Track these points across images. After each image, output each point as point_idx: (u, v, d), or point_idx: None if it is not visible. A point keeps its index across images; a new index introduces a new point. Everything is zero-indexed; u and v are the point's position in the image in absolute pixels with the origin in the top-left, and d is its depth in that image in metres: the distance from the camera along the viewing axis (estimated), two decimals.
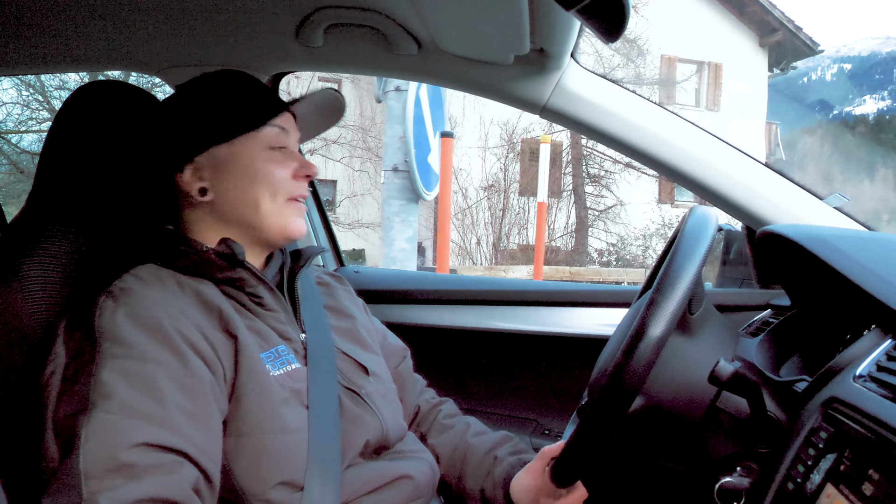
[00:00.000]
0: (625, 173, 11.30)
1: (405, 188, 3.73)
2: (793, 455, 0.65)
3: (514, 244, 11.17)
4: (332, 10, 1.06)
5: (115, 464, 0.61)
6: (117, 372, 0.65)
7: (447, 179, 3.63)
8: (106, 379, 0.65)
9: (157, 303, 0.71)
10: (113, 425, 0.62)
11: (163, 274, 0.77)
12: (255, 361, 0.74)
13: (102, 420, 0.62)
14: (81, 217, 0.87)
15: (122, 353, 0.66)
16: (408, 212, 3.80)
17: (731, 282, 1.40)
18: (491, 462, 0.95)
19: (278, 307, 0.83)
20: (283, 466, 0.72)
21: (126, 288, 0.72)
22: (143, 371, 0.66)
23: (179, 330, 0.70)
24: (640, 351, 0.67)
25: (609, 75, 1.08)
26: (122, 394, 0.64)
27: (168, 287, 0.75)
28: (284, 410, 0.74)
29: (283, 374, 0.77)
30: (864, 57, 25.35)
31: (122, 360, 0.66)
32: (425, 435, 1.02)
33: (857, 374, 0.65)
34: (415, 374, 1.08)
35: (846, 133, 19.36)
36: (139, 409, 0.64)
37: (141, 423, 0.63)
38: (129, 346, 0.67)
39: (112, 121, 0.90)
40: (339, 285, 1.02)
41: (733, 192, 1.13)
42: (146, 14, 1.11)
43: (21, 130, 10.30)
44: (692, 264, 0.70)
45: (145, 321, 0.69)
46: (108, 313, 0.69)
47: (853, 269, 0.75)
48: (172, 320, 0.70)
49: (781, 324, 1.00)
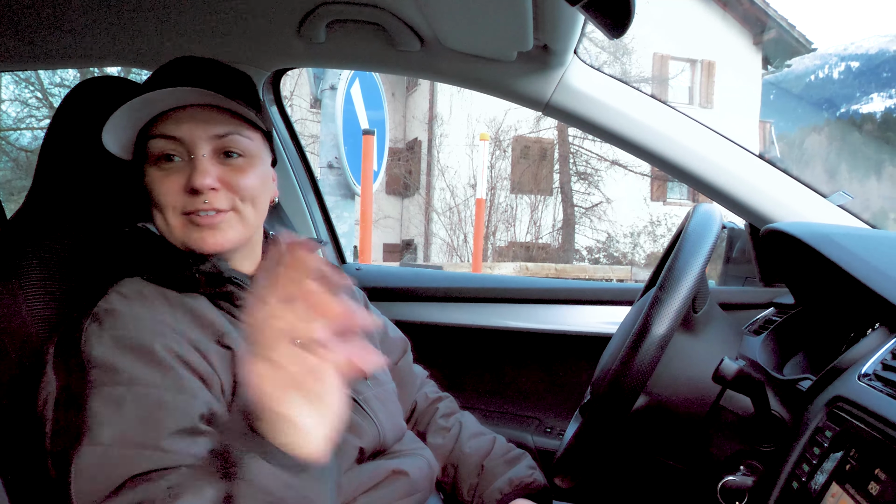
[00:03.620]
0: (612, 171, 11.31)
1: (340, 184, 3.79)
2: (798, 454, 0.65)
3: (501, 241, 11.20)
4: (334, 6, 1.05)
5: (105, 495, 0.59)
6: (107, 399, 0.63)
7: (368, 177, 3.68)
8: (97, 409, 0.63)
9: (144, 323, 0.69)
10: (104, 457, 0.60)
11: (149, 290, 0.74)
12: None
13: (93, 453, 0.60)
14: (81, 214, 0.87)
15: (110, 380, 0.64)
16: (342, 207, 3.85)
17: (735, 280, 1.39)
18: (478, 474, 0.95)
19: None
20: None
21: (110, 309, 0.70)
22: (132, 395, 0.64)
23: (169, 347, 0.68)
24: (644, 349, 0.66)
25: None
26: (113, 422, 0.62)
27: (155, 305, 0.72)
28: None
29: None
30: (872, 55, 25.19)
31: (112, 388, 0.64)
32: (423, 433, 1.01)
33: (863, 373, 0.65)
34: (416, 366, 1.07)
35: (853, 131, 19.26)
36: (130, 438, 0.61)
37: (133, 453, 0.61)
38: (116, 372, 0.65)
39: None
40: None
41: (737, 189, 1.12)
42: (146, 9, 1.11)
43: (20, 128, 10.35)
44: (696, 262, 0.70)
45: (131, 343, 0.67)
46: (93, 339, 0.67)
47: (858, 266, 0.74)
48: (161, 338, 0.68)
49: (785, 322, 1.00)
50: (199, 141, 0.76)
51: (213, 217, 0.76)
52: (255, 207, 0.81)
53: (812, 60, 21.28)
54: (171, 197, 0.76)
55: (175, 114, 0.77)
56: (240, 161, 0.79)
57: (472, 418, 1.05)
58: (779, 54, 13.86)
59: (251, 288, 0.78)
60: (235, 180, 0.78)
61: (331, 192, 3.79)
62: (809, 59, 16.86)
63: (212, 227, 0.76)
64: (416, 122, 12.73)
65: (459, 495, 0.96)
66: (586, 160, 11.81)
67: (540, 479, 0.94)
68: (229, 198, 0.78)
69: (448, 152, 11.47)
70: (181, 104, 0.77)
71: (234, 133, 0.79)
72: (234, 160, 0.79)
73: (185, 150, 0.77)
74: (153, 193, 0.77)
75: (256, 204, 0.81)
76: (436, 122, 12.01)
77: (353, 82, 3.62)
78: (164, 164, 0.77)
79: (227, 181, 0.77)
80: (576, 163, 11.90)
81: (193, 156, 0.76)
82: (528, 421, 1.40)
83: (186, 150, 0.77)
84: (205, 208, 0.76)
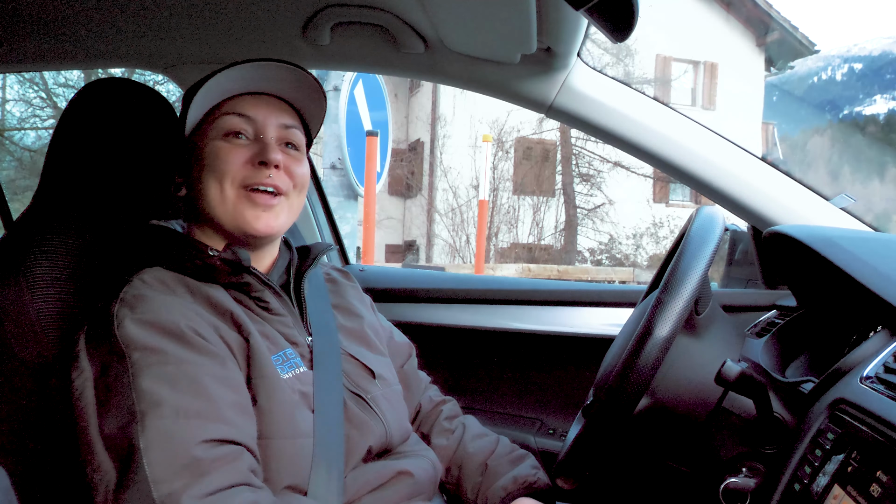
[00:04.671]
0: (614, 172, 11.30)
1: (343, 185, 3.82)
2: (800, 456, 0.65)
3: (504, 243, 11.19)
4: (339, 8, 1.06)
5: (181, 464, 0.62)
6: (158, 378, 0.66)
7: (371, 178, 3.69)
8: (148, 387, 0.65)
9: (173, 307, 0.71)
10: (170, 429, 0.63)
11: (170, 278, 0.76)
12: (267, 363, 0.75)
13: (158, 427, 0.63)
14: (88, 214, 0.87)
15: (156, 360, 0.67)
16: (345, 208, 3.88)
17: (737, 282, 1.39)
18: (482, 473, 0.96)
19: (285, 311, 0.83)
20: (290, 470, 0.73)
21: (139, 295, 0.72)
22: (182, 373, 0.67)
23: (198, 332, 0.71)
24: (647, 351, 0.67)
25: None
26: (170, 398, 0.65)
27: (178, 292, 0.75)
28: (294, 415, 0.74)
29: (291, 377, 0.77)
30: (875, 56, 25.10)
31: (160, 367, 0.66)
32: (427, 435, 1.02)
33: (865, 376, 0.65)
34: (420, 371, 1.08)
35: (856, 133, 19.20)
36: (191, 410, 0.65)
37: (197, 422, 0.64)
38: (161, 353, 0.67)
39: (118, 118, 0.90)
40: (347, 282, 1.02)
41: (740, 192, 1.13)
42: (152, 11, 1.11)
43: (25, 128, 10.38)
44: (699, 265, 0.70)
45: (166, 326, 0.69)
46: (127, 322, 0.69)
47: (861, 269, 0.75)
48: (191, 322, 0.71)
49: (787, 324, 1.00)
50: (269, 125, 0.82)
51: (271, 198, 0.80)
52: (300, 199, 0.86)
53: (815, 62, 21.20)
54: (235, 166, 0.79)
55: (249, 97, 0.83)
56: (296, 153, 0.85)
57: (476, 421, 1.06)
58: (782, 56, 13.85)
59: (271, 281, 0.82)
60: (294, 167, 0.83)
61: (334, 192, 3.82)
62: (812, 60, 16.80)
63: (267, 207, 0.80)
64: (419, 123, 12.73)
65: (463, 495, 0.96)
66: (589, 162, 11.81)
67: (543, 479, 0.95)
68: (287, 182, 0.82)
69: (451, 153, 11.47)
70: (269, 86, 0.83)
71: (296, 128, 0.86)
72: (292, 151, 0.85)
73: (255, 131, 0.82)
74: (217, 162, 0.79)
75: (302, 195, 0.86)
76: (438, 122, 12.02)
77: (357, 84, 3.65)
78: (232, 139, 0.81)
79: (288, 167, 0.82)
80: (578, 164, 11.90)
81: (262, 136, 0.82)
82: (530, 422, 1.41)
83: (256, 130, 0.82)
84: (267, 183, 0.79)
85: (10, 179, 9.89)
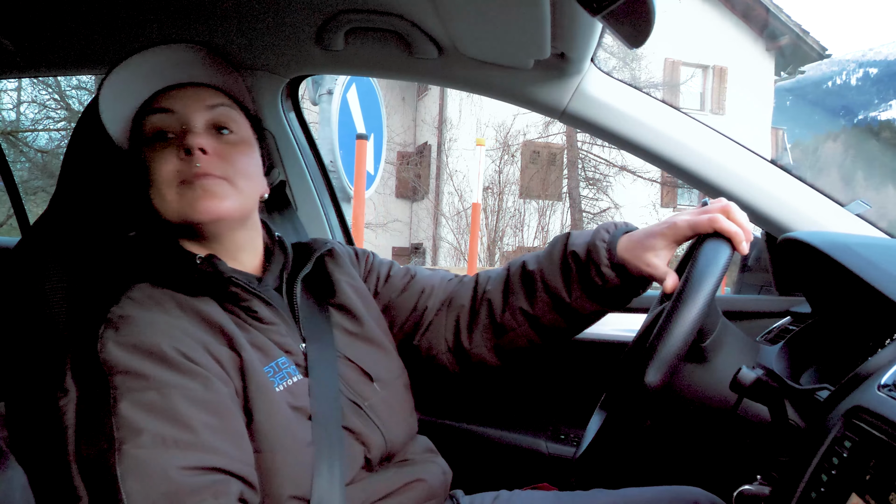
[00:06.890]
0: (620, 176, 11.25)
1: (336, 188, 3.81)
2: (815, 464, 0.65)
3: (509, 246, 11.17)
4: (353, 14, 1.07)
5: (161, 493, 0.61)
6: (138, 405, 0.64)
7: (360, 181, 3.68)
8: (128, 414, 0.64)
9: (159, 328, 0.70)
10: (148, 459, 0.62)
11: (159, 295, 0.74)
12: (261, 377, 0.73)
13: (136, 456, 0.62)
14: (104, 221, 0.88)
15: (138, 386, 0.65)
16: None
17: (750, 288, 1.39)
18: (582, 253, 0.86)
19: (276, 319, 0.80)
20: (292, 481, 0.72)
21: (125, 315, 0.70)
22: (163, 399, 0.65)
23: (184, 353, 0.69)
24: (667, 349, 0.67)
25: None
26: (149, 426, 0.63)
27: (167, 310, 0.73)
28: (292, 426, 0.74)
29: (284, 389, 0.75)
30: (891, 61, 24.82)
31: (140, 393, 0.65)
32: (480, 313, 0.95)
33: (882, 384, 0.65)
34: (434, 274, 1.00)
35: (870, 138, 19.01)
36: (171, 438, 0.63)
37: (175, 452, 0.63)
38: (143, 377, 0.66)
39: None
40: (350, 263, 0.96)
41: (753, 197, 1.12)
42: (166, 17, 1.13)
43: (38, 129, 10.49)
44: (710, 279, 0.70)
45: (151, 349, 0.68)
46: (111, 346, 0.68)
47: (877, 276, 0.74)
48: (177, 343, 0.69)
49: (801, 331, 0.99)
50: (192, 113, 0.78)
51: (207, 180, 0.75)
52: (249, 183, 0.80)
53: (829, 67, 21.04)
54: (166, 169, 0.75)
55: (170, 92, 0.79)
56: (232, 137, 0.80)
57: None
58: (792, 61, 13.77)
59: (258, 289, 0.78)
60: (228, 152, 0.78)
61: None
62: (826, 65, 16.67)
63: (205, 190, 0.75)
64: (425, 127, 12.76)
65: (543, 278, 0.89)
66: (595, 165, 11.78)
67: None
68: (222, 166, 0.77)
69: (457, 156, 11.48)
70: (179, 79, 0.80)
71: (225, 105, 0.81)
72: (227, 136, 0.80)
73: (179, 124, 0.77)
74: (150, 172, 0.77)
75: (250, 180, 0.80)
76: (445, 126, 12.04)
77: (350, 87, 3.62)
78: (158, 145, 0.77)
79: (220, 152, 0.77)
80: (584, 168, 11.87)
81: (186, 126, 0.77)
82: (541, 428, 1.40)
83: (180, 122, 0.77)
84: (198, 173, 0.75)
85: (24, 180, 9.99)
